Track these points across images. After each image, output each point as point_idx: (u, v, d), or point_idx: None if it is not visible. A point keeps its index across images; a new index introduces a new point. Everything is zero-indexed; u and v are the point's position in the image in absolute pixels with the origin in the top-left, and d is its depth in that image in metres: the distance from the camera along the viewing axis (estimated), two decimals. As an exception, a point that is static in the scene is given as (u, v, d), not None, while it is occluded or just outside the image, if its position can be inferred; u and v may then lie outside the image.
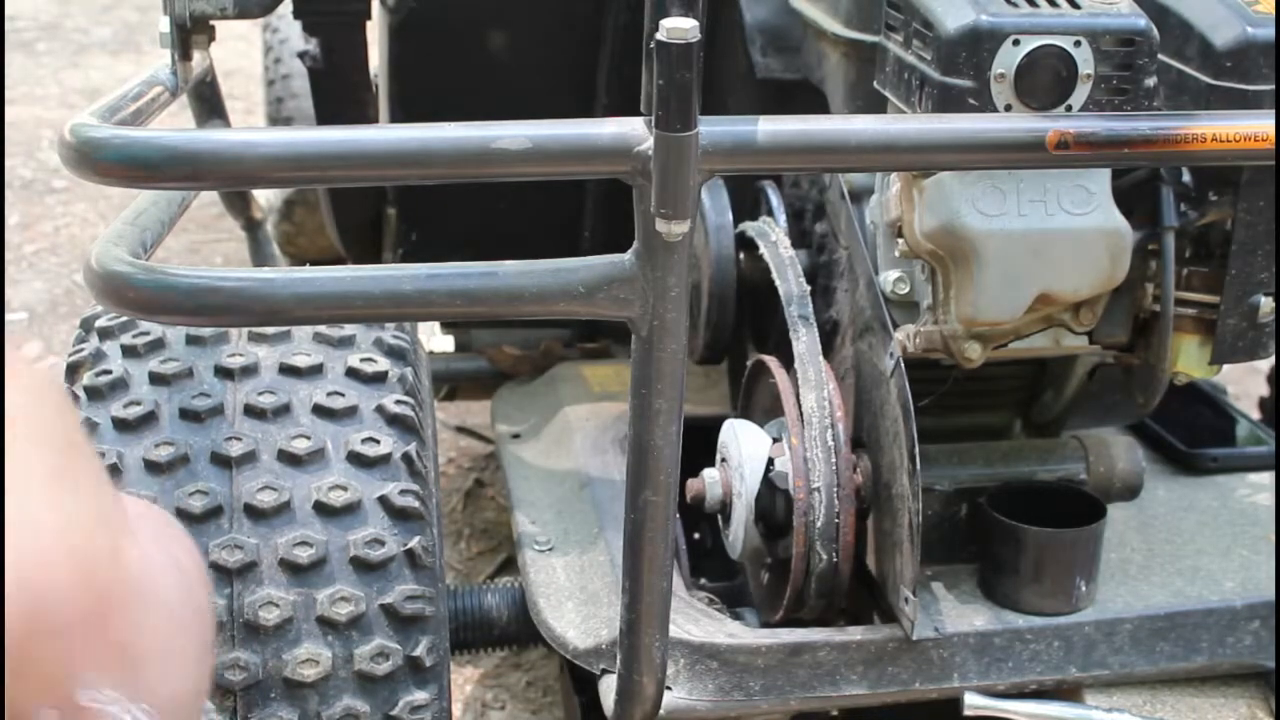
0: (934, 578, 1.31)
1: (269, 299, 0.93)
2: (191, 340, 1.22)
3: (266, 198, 2.44)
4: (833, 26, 1.38)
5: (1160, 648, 1.28)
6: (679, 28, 0.86)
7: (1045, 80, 1.10)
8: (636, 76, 0.91)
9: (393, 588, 1.12)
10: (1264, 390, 2.04)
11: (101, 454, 1.13)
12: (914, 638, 1.22)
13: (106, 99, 1.07)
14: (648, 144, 0.90)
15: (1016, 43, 1.10)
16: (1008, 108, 1.11)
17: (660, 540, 1.04)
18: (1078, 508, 1.29)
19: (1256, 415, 1.88)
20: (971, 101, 1.10)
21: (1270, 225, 1.18)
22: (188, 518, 1.10)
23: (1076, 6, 1.12)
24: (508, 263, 0.96)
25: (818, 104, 1.46)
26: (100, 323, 1.25)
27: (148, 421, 1.16)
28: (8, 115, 3.98)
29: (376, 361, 1.23)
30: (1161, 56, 1.15)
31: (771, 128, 0.93)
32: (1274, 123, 0.99)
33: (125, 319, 1.24)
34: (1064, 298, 1.19)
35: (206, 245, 3.18)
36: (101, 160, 0.91)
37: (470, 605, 1.39)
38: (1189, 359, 1.24)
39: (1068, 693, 1.27)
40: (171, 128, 0.91)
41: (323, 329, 1.24)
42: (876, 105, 1.25)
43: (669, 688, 1.19)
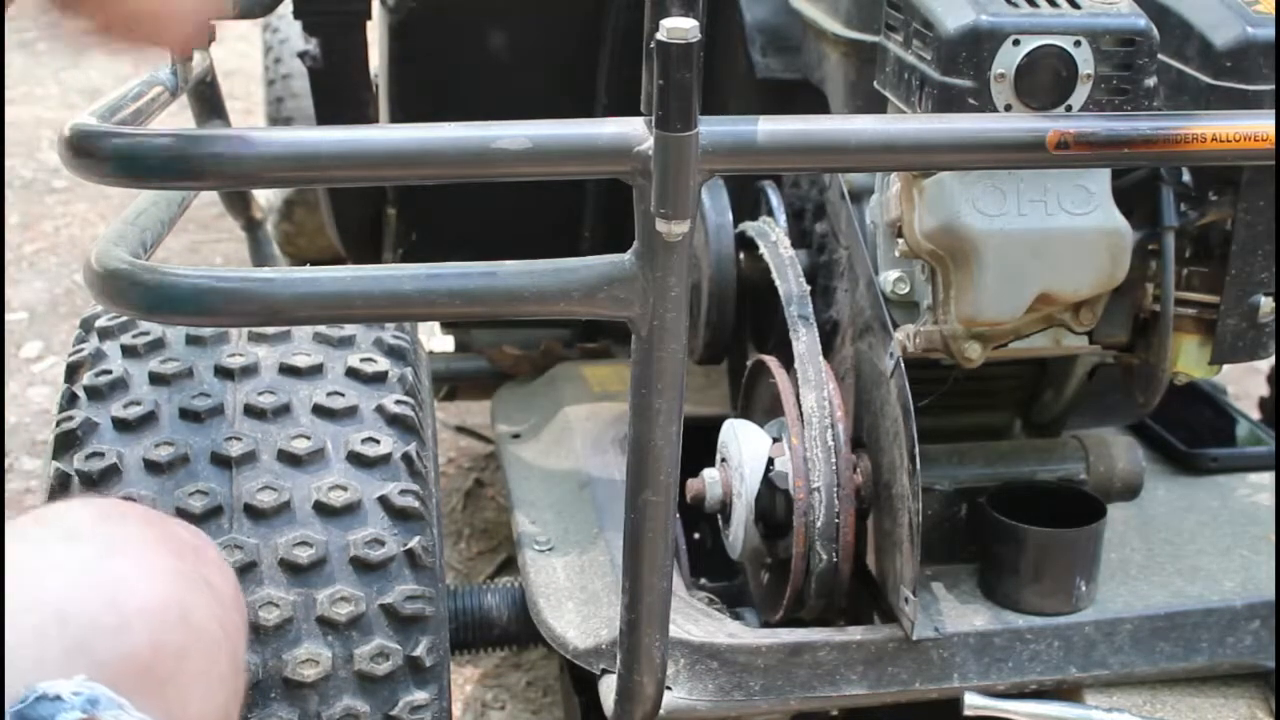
0: (934, 578, 1.31)
1: (269, 299, 0.93)
2: (191, 340, 1.22)
3: (266, 198, 2.44)
4: (833, 26, 1.38)
5: (1160, 648, 1.28)
6: (679, 28, 0.86)
7: (1045, 80, 1.11)
8: (636, 76, 0.91)
9: (393, 588, 1.12)
10: (1264, 390, 2.04)
11: (101, 454, 1.13)
12: (914, 638, 1.22)
13: (106, 99, 1.07)
14: (648, 144, 0.90)
15: (1016, 43, 1.10)
16: (1008, 108, 1.11)
17: (660, 540, 1.04)
18: (1078, 508, 1.29)
19: (1256, 415, 1.88)
20: (971, 101, 1.10)
21: (1270, 225, 1.18)
22: (188, 518, 1.10)
23: (1076, 6, 1.12)
24: (508, 263, 0.96)
25: (818, 104, 1.46)
26: (100, 323, 1.25)
27: (148, 421, 1.16)
28: (8, 115, 3.98)
29: (376, 361, 1.23)
30: (1161, 56, 1.15)
31: (771, 128, 0.93)
32: (1274, 123, 0.99)
33: (125, 319, 1.24)
34: (1064, 298, 1.19)
35: (206, 245, 3.18)
36: (101, 160, 0.91)
37: (470, 605, 1.39)
38: (1189, 359, 1.24)
39: (1068, 693, 1.27)
40: (171, 128, 0.91)
41: (323, 329, 1.24)
42: (876, 105, 1.25)
43: (669, 688, 1.19)
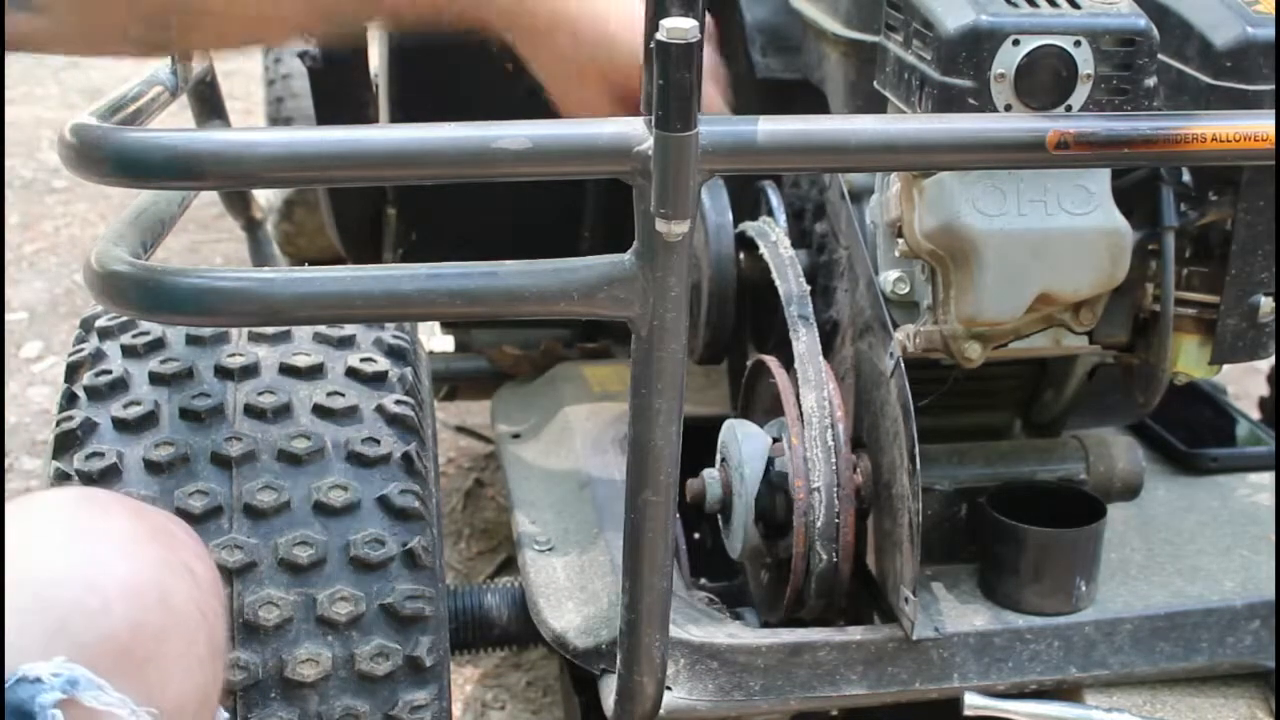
0: (934, 578, 1.31)
1: (269, 299, 0.93)
2: (191, 340, 1.22)
3: (266, 198, 2.44)
4: (833, 26, 1.38)
5: (1160, 648, 1.28)
6: (679, 28, 0.86)
7: (1045, 80, 1.10)
8: (636, 76, 0.91)
9: (392, 588, 1.12)
10: (1264, 390, 2.04)
11: (101, 454, 1.13)
12: (914, 638, 1.22)
13: (106, 99, 1.07)
14: (648, 144, 0.90)
15: (1016, 43, 1.10)
16: (1008, 108, 1.11)
17: (660, 540, 1.04)
18: (1078, 508, 1.29)
19: (1256, 415, 1.88)
20: (971, 101, 1.10)
21: (1270, 225, 1.18)
22: (188, 518, 1.10)
23: (1076, 6, 1.12)
24: (508, 263, 0.96)
25: (818, 104, 1.46)
26: (100, 323, 1.25)
27: (148, 421, 1.16)
28: (8, 115, 3.98)
29: (376, 361, 1.23)
30: (1161, 56, 1.15)
31: (771, 128, 0.93)
32: (1274, 123, 0.99)
33: (125, 319, 1.24)
34: (1064, 298, 1.19)
35: (206, 245, 3.18)
36: (101, 160, 0.91)
37: (470, 605, 1.39)
38: (1189, 359, 1.24)
39: (1068, 693, 1.27)
40: (171, 128, 0.91)
41: (323, 329, 1.24)
42: (876, 105, 1.25)
43: (669, 688, 1.19)
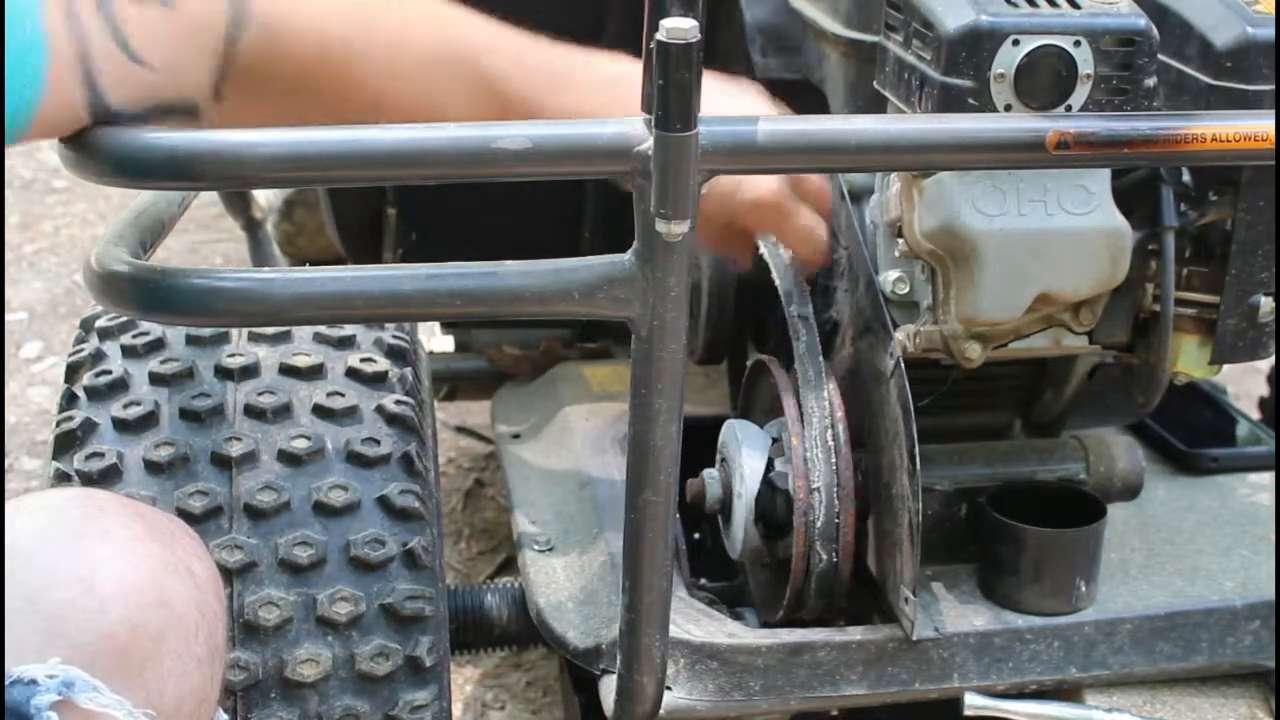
0: (934, 578, 1.31)
1: (269, 299, 0.93)
2: (191, 340, 1.22)
3: (266, 198, 2.44)
4: (832, 26, 1.38)
5: (1160, 648, 1.27)
6: (679, 28, 0.86)
7: (1045, 80, 1.10)
8: (636, 76, 0.91)
9: (392, 588, 1.12)
10: (1264, 390, 2.04)
11: (101, 454, 1.13)
12: (914, 638, 1.22)
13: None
14: (647, 144, 0.90)
15: (1016, 43, 1.10)
16: (1008, 108, 1.11)
17: (660, 540, 1.04)
18: (1078, 508, 1.29)
19: (1256, 415, 1.88)
20: (971, 101, 1.10)
21: (1270, 225, 1.18)
22: (188, 518, 1.10)
23: (1076, 6, 1.12)
24: (508, 263, 0.96)
25: (818, 104, 1.46)
26: (100, 323, 1.25)
27: (148, 422, 1.16)
28: (8, 115, 3.98)
29: (376, 362, 1.23)
30: (1161, 56, 1.15)
31: (771, 128, 0.93)
32: (1274, 123, 0.99)
33: (125, 319, 1.24)
34: (1064, 297, 1.19)
35: (206, 245, 3.18)
36: (101, 160, 0.91)
37: (470, 605, 1.39)
38: (1189, 359, 1.24)
39: (1068, 693, 1.27)
40: (171, 128, 0.91)
41: (323, 329, 1.24)
42: (876, 105, 1.25)
43: (669, 688, 1.19)
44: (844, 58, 1.38)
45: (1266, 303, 1.20)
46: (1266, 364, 1.99)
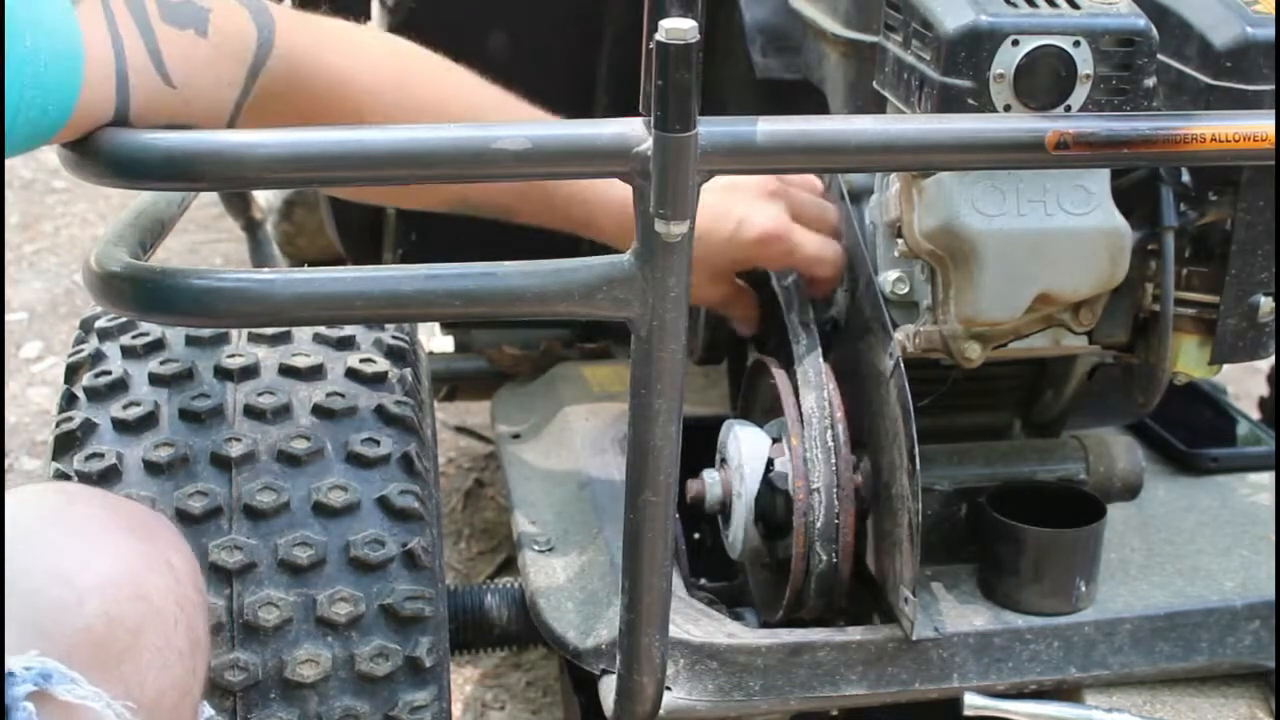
0: (934, 578, 1.31)
1: (269, 299, 0.93)
2: (191, 341, 1.22)
3: (266, 198, 2.44)
4: (832, 26, 1.38)
5: (1160, 648, 1.27)
6: (678, 28, 0.86)
7: (1044, 80, 1.10)
8: (636, 76, 0.91)
9: (392, 588, 1.12)
10: (1264, 390, 2.04)
11: (101, 455, 1.13)
12: (914, 638, 1.22)
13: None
14: (647, 144, 0.90)
15: (1016, 43, 1.10)
16: (1007, 108, 1.11)
17: (660, 540, 1.04)
18: (1078, 508, 1.29)
19: (1256, 415, 1.88)
20: (971, 101, 1.10)
21: (1270, 225, 1.18)
22: (187, 518, 1.10)
23: (1076, 6, 1.12)
24: (508, 263, 0.96)
25: (818, 104, 1.46)
26: (100, 323, 1.25)
27: (147, 422, 1.16)
28: (8, 115, 3.98)
29: (376, 362, 1.23)
30: (1161, 56, 1.15)
31: (771, 128, 0.93)
32: (1274, 123, 0.99)
33: (125, 320, 1.24)
34: (1064, 298, 1.19)
35: (206, 245, 3.18)
36: (100, 161, 0.91)
37: (470, 605, 1.39)
38: (1189, 359, 1.24)
39: (1068, 693, 1.27)
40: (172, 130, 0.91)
41: (322, 330, 1.24)
42: (876, 105, 1.25)
43: (669, 688, 1.19)
44: (844, 58, 1.38)
45: (1266, 303, 1.20)
46: (1266, 364, 1.99)
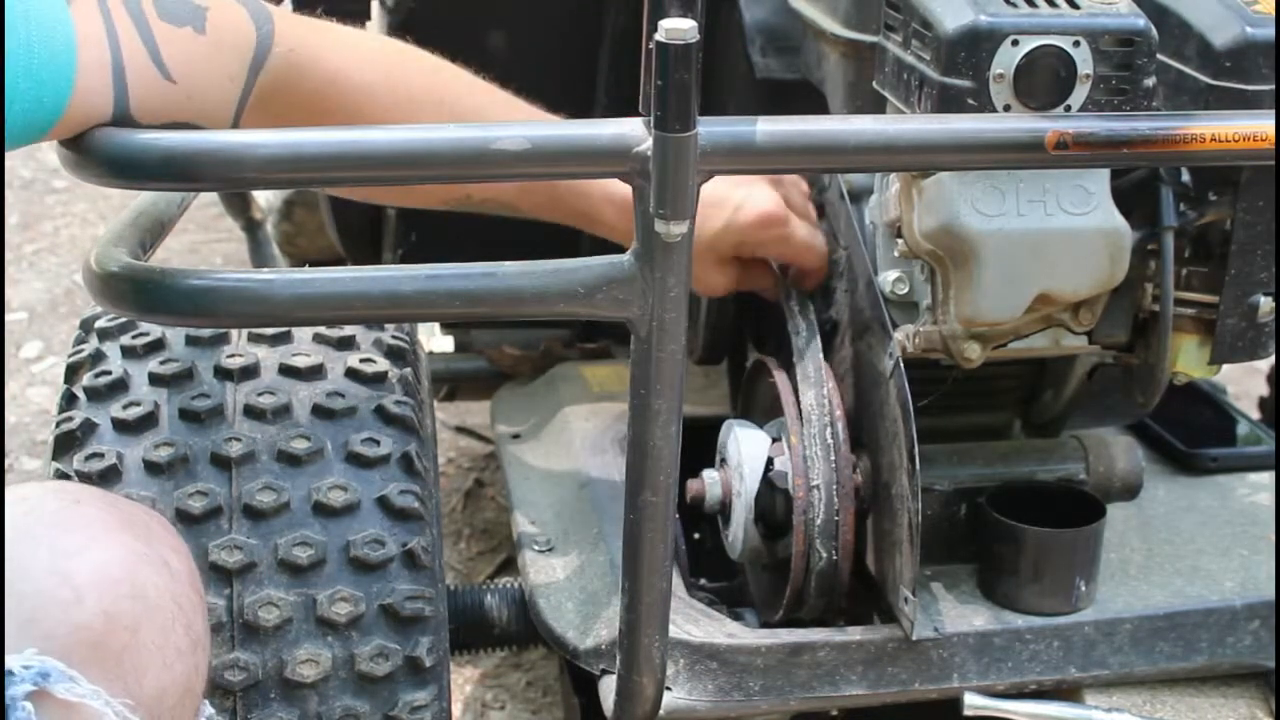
0: (934, 578, 1.31)
1: (269, 299, 0.93)
2: (191, 341, 1.22)
3: (266, 198, 2.44)
4: (832, 26, 1.38)
5: (1160, 648, 1.28)
6: (678, 28, 0.86)
7: (1044, 80, 1.11)
8: (636, 76, 0.91)
9: (392, 588, 1.12)
10: (1264, 390, 2.04)
11: (101, 455, 1.13)
12: (914, 638, 1.22)
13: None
14: (647, 144, 0.90)
15: (1015, 43, 1.10)
16: (1007, 108, 1.11)
17: (660, 540, 1.04)
18: (1078, 508, 1.29)
19: (1256, 415, 1.88)
20: (971, 101, 1.10)
21: (1270, 225, 1.18)
22: (187, 518, 1.10)
23: (1076, 6, 1.12)
24: (508, 263, 0.96)
25: (818, 104, 1.46)
26: (100, 323, 1.25)
27: (147, 422, 1.16)
28: (8, 115, 3.98)
29: (376, 362, 1.23)
30: (1161, 56, 1.15)
31: (771, 128, 0.93)
32: (1274, 123, 0.99)
33: (125, 320, 1.24)
34: (1064, 298, 1.19)
35: (206, 245, 3.18)
36: (100, 161, 0.91)
37: (470, 605, 1.39)
38: (1189, 359, 1.24)
39: (1068, 693, 1.27)
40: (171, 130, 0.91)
41: (322, 330, 1.24)
42: (876, 105, 1.25)
43: (669, 688, 1.19)
44: (843, 58, 1.38)
45: (1266, 303, 1.20)
46: (1266, 364, 1.99)
